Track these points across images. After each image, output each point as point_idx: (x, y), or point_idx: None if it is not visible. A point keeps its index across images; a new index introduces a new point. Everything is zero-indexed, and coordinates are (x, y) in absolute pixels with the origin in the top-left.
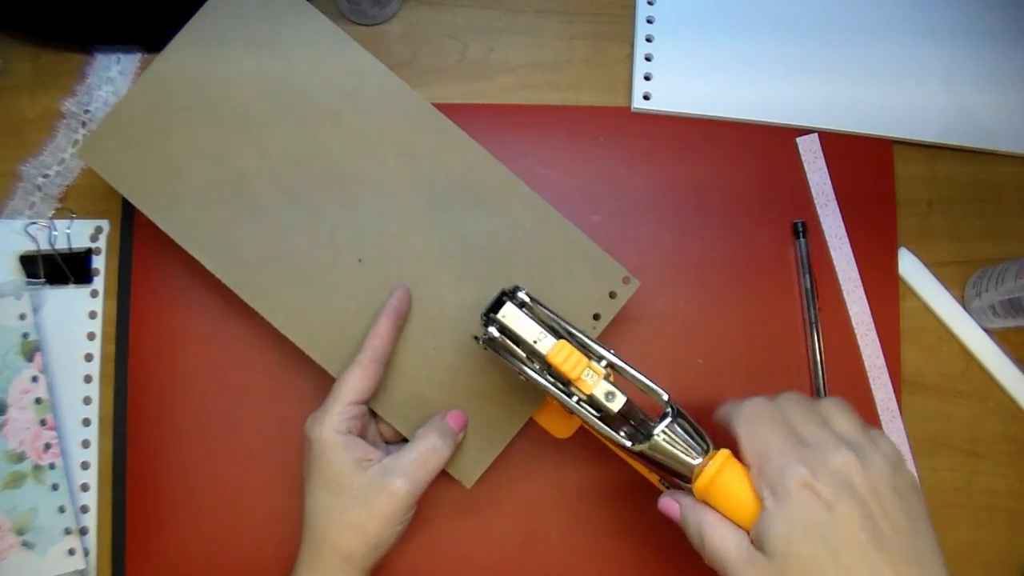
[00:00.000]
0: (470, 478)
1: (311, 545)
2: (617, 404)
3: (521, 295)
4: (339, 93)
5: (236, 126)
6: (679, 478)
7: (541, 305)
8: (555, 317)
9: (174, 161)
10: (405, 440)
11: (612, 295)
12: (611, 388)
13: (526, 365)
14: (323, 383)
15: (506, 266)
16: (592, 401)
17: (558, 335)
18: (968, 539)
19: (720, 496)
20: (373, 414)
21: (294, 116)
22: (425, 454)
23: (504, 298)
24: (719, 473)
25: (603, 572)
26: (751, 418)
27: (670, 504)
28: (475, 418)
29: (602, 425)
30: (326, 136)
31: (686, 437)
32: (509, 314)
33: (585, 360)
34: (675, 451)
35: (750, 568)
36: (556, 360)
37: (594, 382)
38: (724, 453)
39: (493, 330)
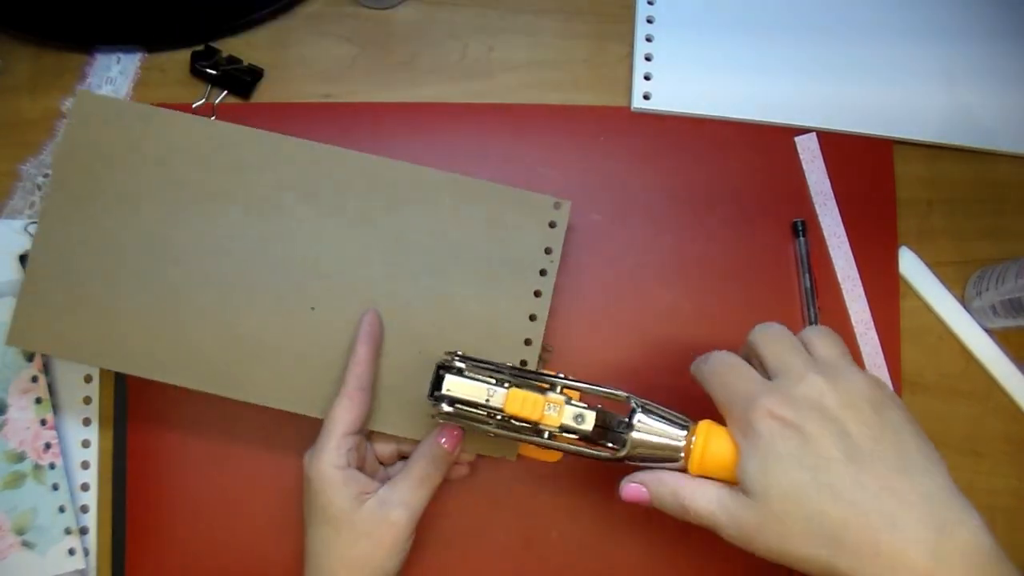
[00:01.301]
0: (512, 452)
1: None
2: (589, 423)
3: (456, 363)
4: (221, 171)
5: (143, 242)
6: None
7: (475, 361)
8: (493, 365)
9: (101, 303)
10: (404, 458)
11: (552, 225)
12: (577, 411)
13: (489, 425)
14: None
15: (449, 248)
16: (565, 430)
17: (504, 382)
18: None
19: (715, 464)
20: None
21: (191, 209)
22: (419, 481)
23: (441, 372)
24: (706, 444)
25: (603, 572)
26: (717, 368)
27: (635, 489)
28: None
29: (583, 449)
30: (227, 214)
31: (660, 425)
32: (453, 386)
33: (541, 398)
34: (655, 441)
35: (738, 514)
36: (514, 410)
37: (559, 413)
38: (704, 424)
39: (445, 407)
